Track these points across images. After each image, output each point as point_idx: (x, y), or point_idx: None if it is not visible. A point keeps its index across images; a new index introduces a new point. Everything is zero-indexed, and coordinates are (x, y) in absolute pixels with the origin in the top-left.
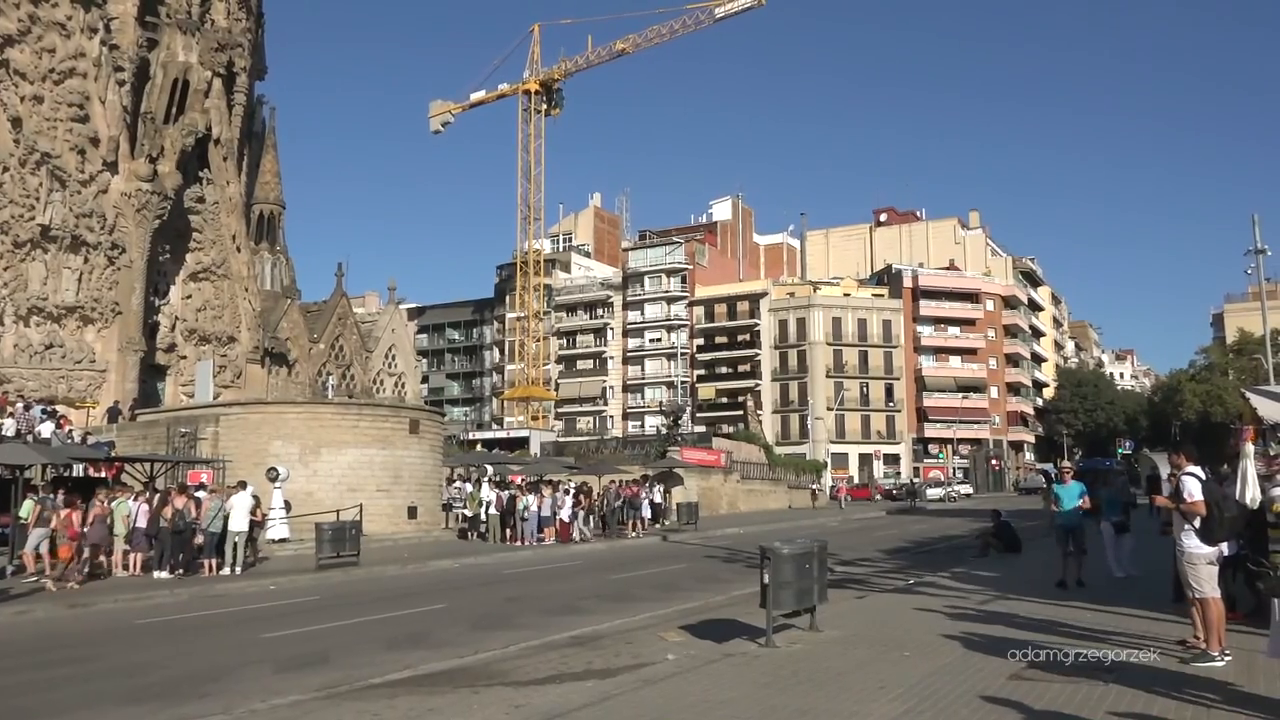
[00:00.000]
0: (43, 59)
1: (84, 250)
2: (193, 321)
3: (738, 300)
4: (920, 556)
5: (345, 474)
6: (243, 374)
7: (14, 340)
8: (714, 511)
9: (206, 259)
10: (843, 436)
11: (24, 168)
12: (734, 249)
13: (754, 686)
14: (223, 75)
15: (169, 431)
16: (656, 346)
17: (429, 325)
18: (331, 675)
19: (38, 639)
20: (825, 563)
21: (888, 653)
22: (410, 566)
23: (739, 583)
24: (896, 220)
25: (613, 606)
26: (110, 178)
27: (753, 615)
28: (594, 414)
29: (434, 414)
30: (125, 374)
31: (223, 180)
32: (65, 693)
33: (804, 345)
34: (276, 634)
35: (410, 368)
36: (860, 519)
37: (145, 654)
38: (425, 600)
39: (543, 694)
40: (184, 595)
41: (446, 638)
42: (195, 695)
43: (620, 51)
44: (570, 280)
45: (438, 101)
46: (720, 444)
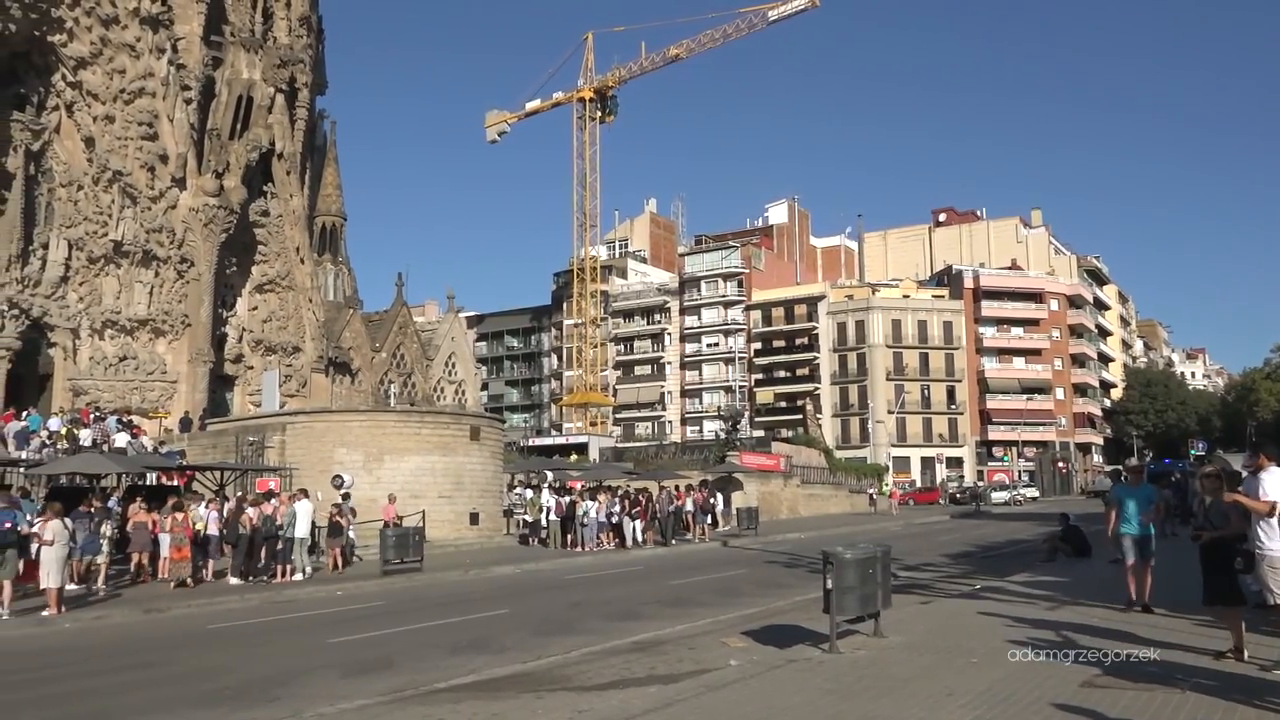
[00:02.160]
0: (114, 80)
1: (155, 264)
2: (259, 332)
3: (795, 304)
4: (986, 561)
5: (408, 481)
6: (307, 383)
7: (90, 353)
8: (774, 516)
9: (271, 271)
10: (904, 440)
11: (97, 186)
12: (791, 252)
13: (818, 693)
14: (285, 91)
15: (237, 440)
16: (714, 351)
17: (488, 333)
18: (397, 680)
19: (115, 643)
20: (889, 568)
21: (954, 659)
22: (472, 572)
23: (801, 588)
24: (956, 220)
25: (674, 612)
26: (179, 193)
27: (815, 621)
28: (652, 419)
29: (494, 421)
30: (195, 384)
31: (286, 194)
32: (140, 696)
33: (863, 348)
34: (343, 639)
35: (470, 375)
36: (923, 523)
37: (217, 658)
38: (488, 606)
39: (606, 699)
40: (254, 600)
41: (509, 643)
42: (265, 699)
43: (674, 57)
44: (627, 286)
45: (494, 111)
46: (779, 448)
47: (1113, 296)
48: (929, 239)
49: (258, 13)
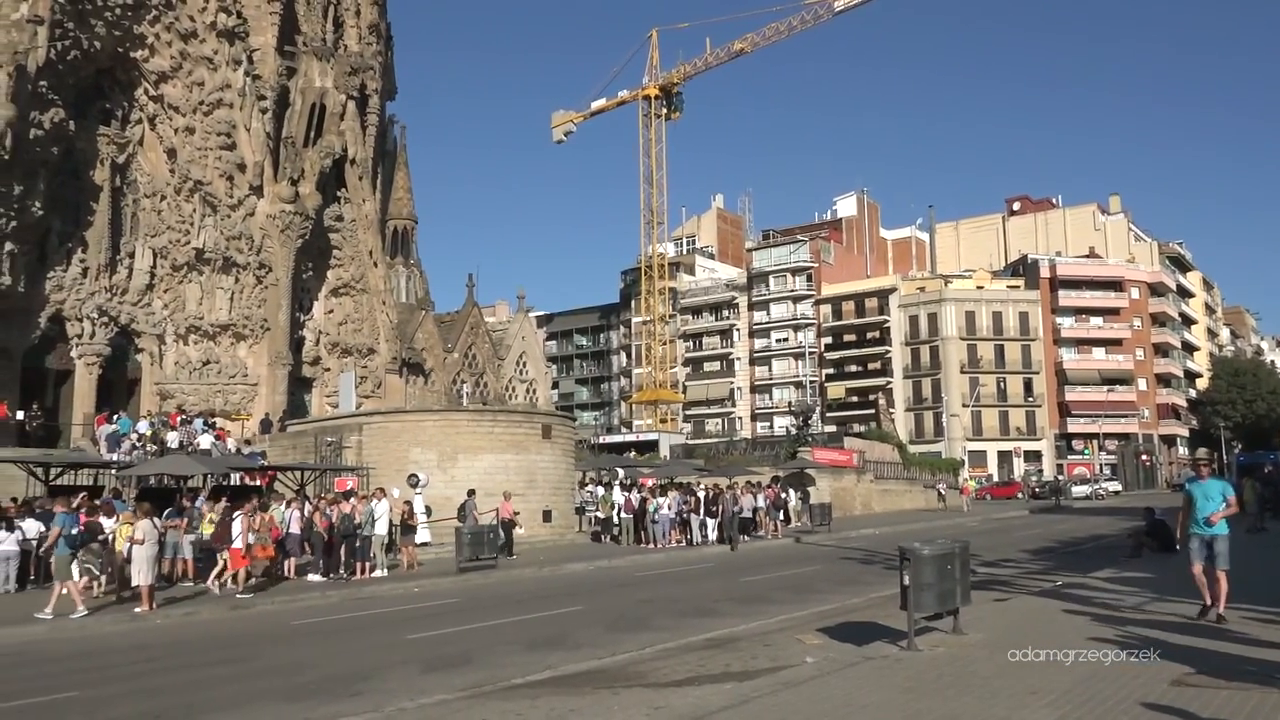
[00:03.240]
0: (193, 92)
1: (234, 271)
2: (335, 335)
3: (866, 297)
4: (1067, 557)
5: (481, 479)
6: (382, 384)
7: (175, 358)
8: (847, 512)
9: (346, 275)
10: (979, 434)
11: (179, 195)
12: (860, 245)
13: (897, 691)
14: (356, 98)
15: (316, 441)
16: (783, 346)
17: (557, 332)
18: (475, 675)
19: (203, 639)
20: (967, 564)
21: (1037, 656)
22: (546, 569)
23: (877, 585)
24: (1030, 209)
25: (747, 609)
26: (256, 201)
27: (892, 618)
28: (722, 416)
29: (565, 419)
30: (275, 387)
31: (359, 199)
32: (229, 690)
33: (936, 341)
34: (421, 635)
35: (540, 374)
36: (1000, 518)
37: (301, 653)
38: (562, 602)
39: (681, 696)
40: (335, 597)
41: (584, 639)
42: (348, 694)
43: (739, 52)
44: (695, 283)
45: (560, 112)
46: (852, 443)
47: (1196, 283)
48: (1003, 228)
49: (329, 22)
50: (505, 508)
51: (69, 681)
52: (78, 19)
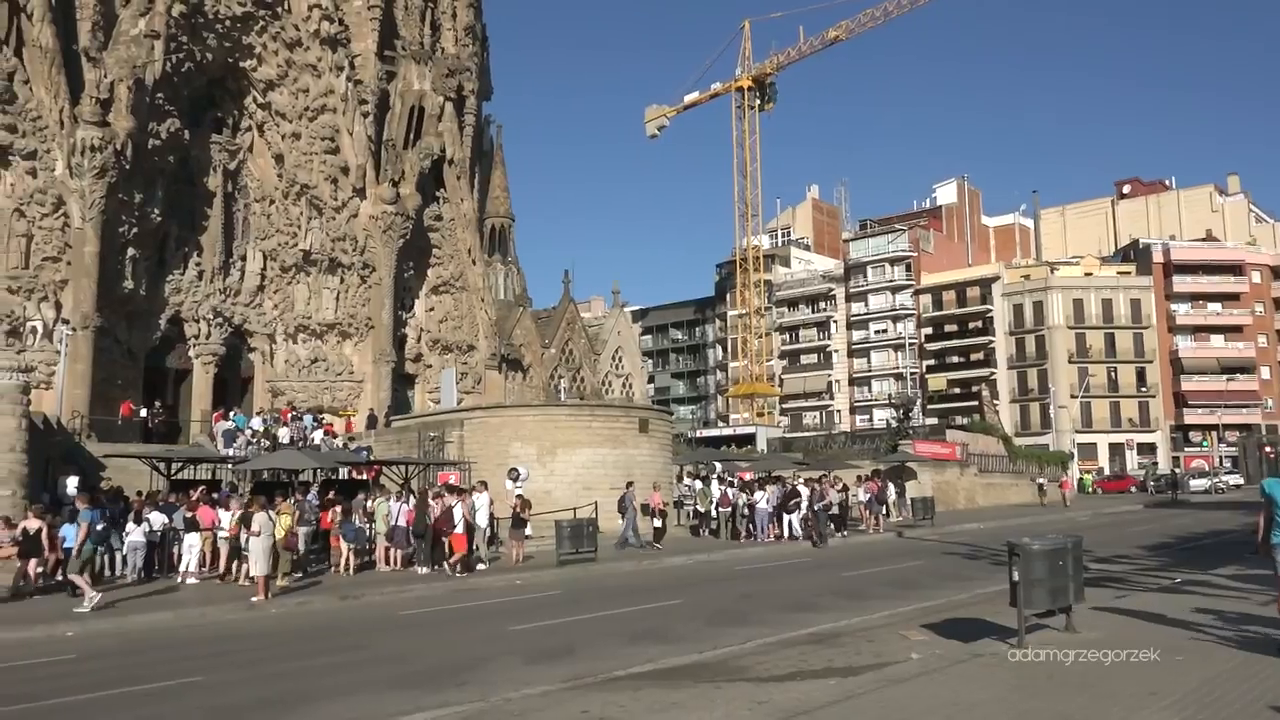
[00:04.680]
0: (299, 99)
1: (340, 271)
2: (436, 332)
3: (967, 286)
4: (1186, 554)
5: (580, 473)
6: (482, 380)
7: (285, 356)
8: (950, 506)
9: (446, 273)
10: (1089, 425)
11: (287, 199)
12: (961, 233)
13: (1007, 689)
14: (453, 99)
15: (419, 436)
16: (882, 338)
17: (652, 326)
18: (577, 667)
19: (316, 628)
20: (1080, 559)
21: (1156, 657)
22: (645, 562)
23: (983, 580)
24: (1141, 191)
25: (849, 604)
26: (359, 203)
27: (1001, 615)
28: (820, 409)
29: (662, 413)
30: (379, 383)
31: (457, 198)
32: (341, 677)
33: (1042, 330)
34: (524, 626)
35: (636, 368)
36: (1113, 513)
37: (408, 643)
38: (661, 596)
39: (784, 691)
40: (440, 589)
41: (684, 633)
42: (454, 683)
43: (833, 39)
44: (790, 275)
45: (653, 106)
46: (955, 436)
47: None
48: (1112, 213)
49: (426, 25)
50: (655, 498)
51: (192, 667)
52: (191, 32)
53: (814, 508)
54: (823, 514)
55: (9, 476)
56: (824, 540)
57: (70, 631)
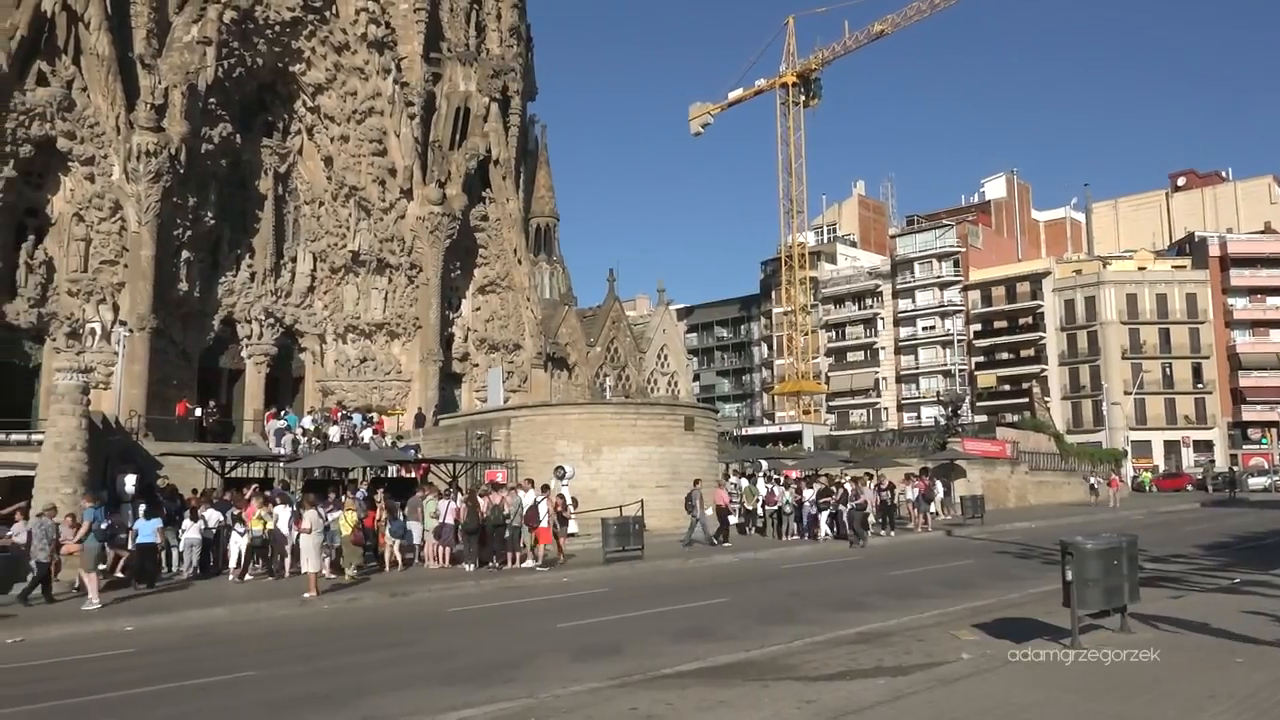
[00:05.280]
0: (346, 102)
1: (388, 272)
2: (482, 331)
3: (1017, 281)
4: (1246, 553)
5: (626, 471)
6: (528, 379)
7: (334, 356)
8: (1000, 505)
9: (492, 273)
10: (1143, 422)
11: (336, 201)
12: (1010, 228)
13: (1060, 690)
14: (498, 100)
15: (467, 434)
16: (930, 335)
17: (697, 324)
18: (624, 665)
19: (367, 624)
20: (1135, 559)
21: (1213, 658)
22: (691, 561)
23: (1035, 580)
24: (1197, 183)
25: (898, 603)
26: (407, 204)
27: (1054, 615)
28: (867, 406)
29: (707, 411)
30: (427, 383)
31: (503, 198)
32: (391, 673)
33: (1094, 325)
34: (571, 624)
35: (681, 366)
36: (1168, 511)
37: (457, 639)
38: (708, 594)
39: (833, 690)
40: (487, 586)
41: (731, 631)
42: (502, 680)
43: (879, 34)
44: (836, 271)
45: (697, 104)
46: (1005, 434)
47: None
48: (1166, 206)
49: (471, 27)
50: (719, 495)
51: (246, 662)
52: (242, 38)
53: (849, 507)
54: (857, 513)
55: (70, 474)
56: (861, 540)
57: (129, 626)
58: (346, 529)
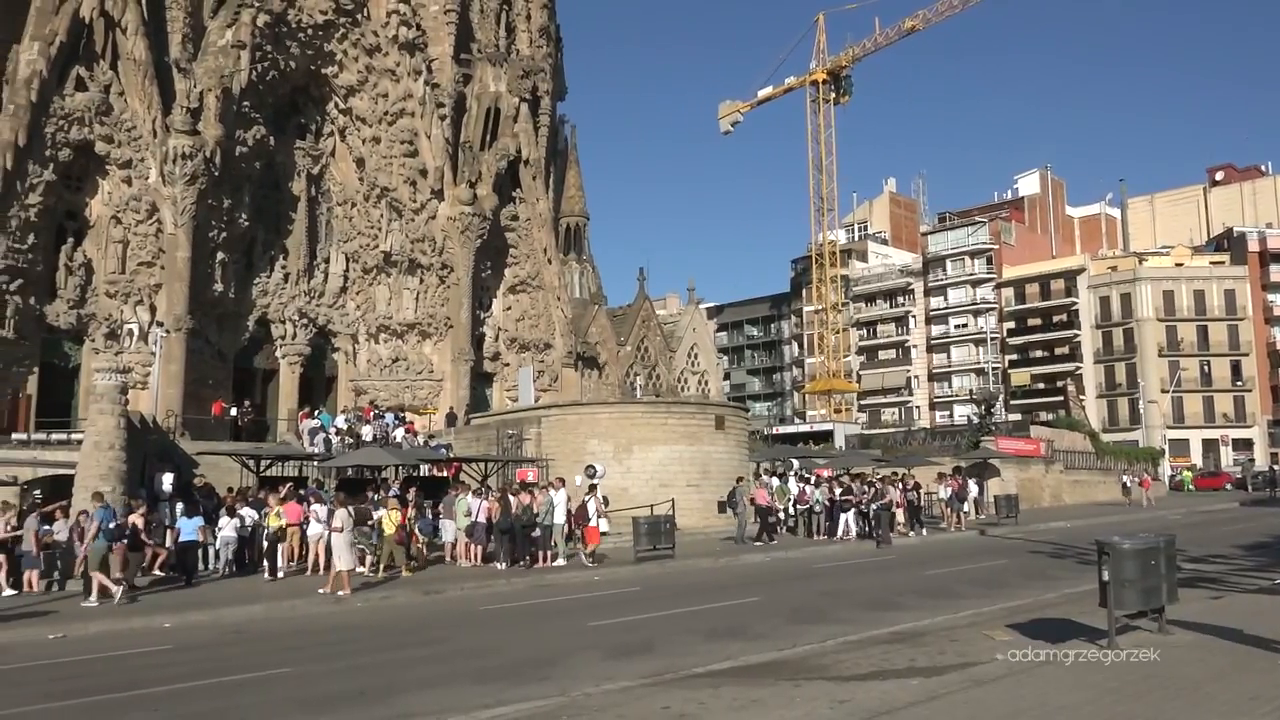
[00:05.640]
0: (378, 104)
1: (419, 272)
2: (513, 331)
3: (1051, 278)
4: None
5: (656, 470)
6: (558, 378)
7: (367, 356)
8: (1035, 504)
9: (522, 272)
10: (1181, 421)
11: (368, 202)
12: (1044, 224)
13: (1097, 692)
14: (528, 100)
15: (498, 433)
16: (962, 332)
17: (728, 323)
18: (656, 663)
19: (400, 622)
20: (1173, 559)
21: (1255, 660)
22: (723, 560)
23: (1070, 580)
24: (1236, 178)
25: (932, 603)
26: (437, 204)
27: (1089, 615)
28: (899, 405)
29: (738, 410)
30: (458, 382)
31: (533, 198)
32: (425, 670)
33: (1130, 323)
34: (602, 622)
35: (712, 365)
36: (1207, 511)
37: (489, 638)
38: (739, 593)
39: (865, 690)
40: (519, 584)
41: (763, 630)
42: (535, 678)
43: (910, 29)
44: (867, 269)
45: (726, 102)
46: (1039, 432)
47: None
48: (1203, 200)
49: (501, 28)
50: (761, 495)
51: (281, 659)
52: (275, 41)
53: (874, 507)
54: (883, 513)
55: (109, 473)
56: (885, 540)
57: (167, 623)
58: (390, 528)
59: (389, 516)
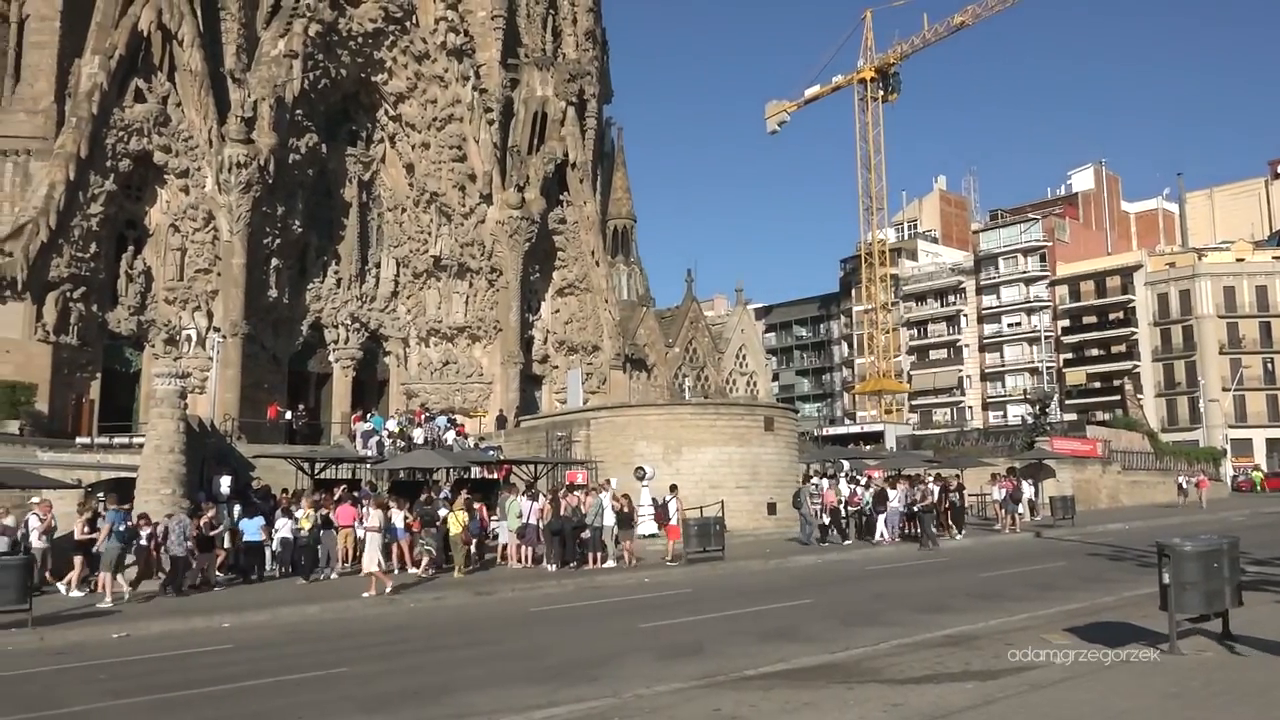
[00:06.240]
0: (427, 109)
1: (468, 276)
2: (561, 333)
3: (1107, 275)
4: None
5: (705, 471)
6: (607, 380)
7: (418, 359)
8: (1092, 505)
9: (570, 275)
10: (1243, 420)
11: (417, 207)
12: (1099, 220)
13: (1158, 697)
14: (575, 104)
15: (547, 435)
16: (1015, 331)
17: (776, 324)
18: (707, 665)
19: (452, 623)
20: (1237, 561)
21: None
22: (773, 561)
23: (1129, 583)
24: None
25: (986, 605)
26: (486, 209)
27: (1149, 619)
28: (950, 405)
29: (788, 411)
30: (508, 385)
31: (580, 201)
32: (477, 671)
33: (1189, 320)
34: (653, 624)
35: (760, 366)
36: (1273, 513)
37: (540, 639)
38: (791, 595)
39: (920, 694)
40: (569, 586)
41: (815, 633)
42: (586, 679)
43: (959, 25)
44: (918, 268)
45: (773, 102)
46: (1095, 432)
47: None
48: (1265, 194)
49: (548, 32)
50: (827, 496)
51: (338, 658)
52: (326, 50)
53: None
54: (926, 515)
55: (169, 476)
56: (931, 542)
57: (227, 623)
58: (456, 528)
59: (455, 517)
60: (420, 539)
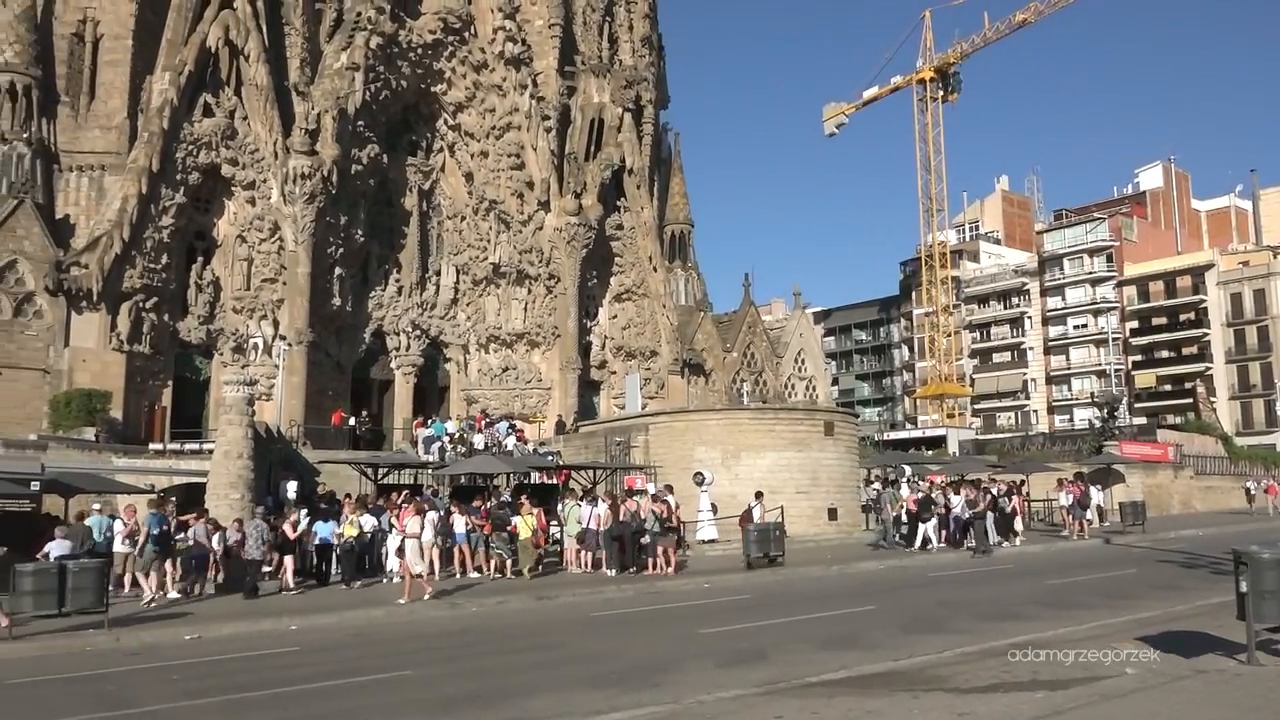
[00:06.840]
0: (485, 118)
1: (527, 283)
2: (619, 339)
3: (1177, 275)
4: None
5: (765, 476)
6: (665, 385)
7: (478, 365)
8: (1163, 511)
9: (628, 280)
10: None
11: (476, 215)
12: (1168, 219)
13: (1237, 710)
14: (632, 110)
15: (606, 440)
16: (1082, 333)
17: (835, 327)
18: (769, 672)
19: (513, 627)
20: None
21: None
22: (834, 567)
23: (1203, 591)
24: None
25: (1054, 613)
26: (544, 216)
27: (1226, 628)
28: (1014, 409)
29: (848, 415)
30: (566, 390)
31: (637, 207)
32: (538, 675)
33: (1265, 320)
34: (714, 630)
35: (819, 371)
36: None
37: (601, 643)
38: (853, 601)
39: (986, 703)
40: (629, 591)
41: (878, 640)
42: (647, 684)
43: (1021, 23)
44: (980, 270)
45: (831, 104)
46: (1166, 436)
47: None
48: None
49: (604, 39)
50: (911, 502)
51: (402, 661)
52: (386, 62)
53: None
54: (978, 522)
55: (237, 481)
56: (985, 550)
57: (293, 625)
58: (526, 531)
59: (525, 521)
60: (492, 542)
